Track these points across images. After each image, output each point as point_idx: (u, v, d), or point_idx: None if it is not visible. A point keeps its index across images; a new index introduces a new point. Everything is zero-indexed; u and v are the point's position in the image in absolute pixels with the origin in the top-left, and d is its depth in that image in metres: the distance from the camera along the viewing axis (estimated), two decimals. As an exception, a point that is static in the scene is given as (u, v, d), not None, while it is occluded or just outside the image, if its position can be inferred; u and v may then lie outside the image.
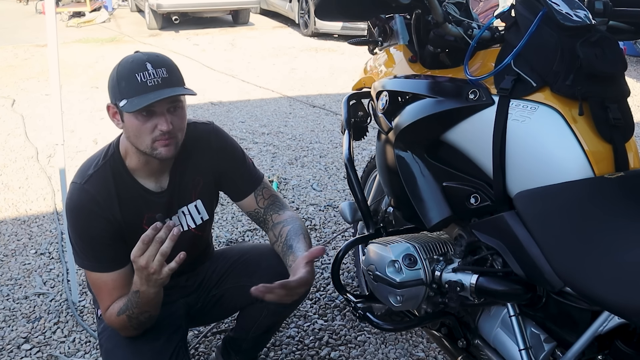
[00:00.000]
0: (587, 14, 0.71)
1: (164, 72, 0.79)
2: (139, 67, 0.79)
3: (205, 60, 4.30)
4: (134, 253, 0.75)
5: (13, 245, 1.74)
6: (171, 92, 0.78)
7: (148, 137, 0.81)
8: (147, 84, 0.78)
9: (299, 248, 0.88)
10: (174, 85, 0.80)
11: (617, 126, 0.67)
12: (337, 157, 2.42)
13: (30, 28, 5.88)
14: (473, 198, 0.76)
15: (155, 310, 0.85)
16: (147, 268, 0.75)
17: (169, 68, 0.81)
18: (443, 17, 0.78)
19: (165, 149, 0.82)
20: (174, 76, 0.81)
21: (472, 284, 0.74)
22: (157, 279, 0.76)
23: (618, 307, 0.56)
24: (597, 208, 0.63)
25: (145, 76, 0.78)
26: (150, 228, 0.75)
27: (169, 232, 0.74)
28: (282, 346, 1.28)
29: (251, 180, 0.99)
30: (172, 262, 0.75)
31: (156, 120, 0.80)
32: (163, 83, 0.79)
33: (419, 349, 1.27)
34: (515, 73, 0.72)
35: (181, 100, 0.83)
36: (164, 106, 0.80)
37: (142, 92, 0.78)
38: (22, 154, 2.50)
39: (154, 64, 0.79)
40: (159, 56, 0.82)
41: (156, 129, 0.80)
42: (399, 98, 0.89)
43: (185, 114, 0.86)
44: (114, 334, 0.89)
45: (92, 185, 0.85)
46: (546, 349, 0.72)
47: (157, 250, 0.74)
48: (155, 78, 0.78)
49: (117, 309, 0.85)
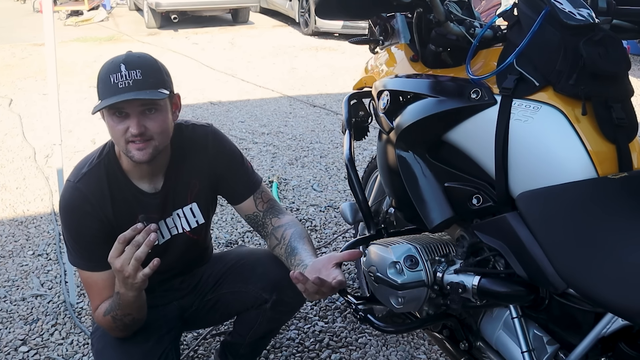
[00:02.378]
0: (590, 13, 0.70)
1: (137, 74, 0.78)
2: (114, 68, 0.78)
3: (205, 60, 4.29)
4: (111, 254, 0.75)
5: (10, 246, 1.73)
6: (135, 95, 0.77)
7: (122, 138, 0.80)
8: (117, 86, 0.77)
9: (305, 250, 0.87)
10: (147, 88, 0.78)
11: (621, 126, 0.67)
12: (338, 158, 2.41)
13: (28, 27, 5.86)
14: (475, 199, 0.75)
15: (138, 314, 0.84)
16: (122, 271, 0.75)
17: (145, 70, 0.79)
18: (445, 15, 0.77)
19: (139, 153, 0.80)
20: (150, 78, 0.79)
21: (474, 285, 0.74)
22: (133, 282, 0.76)
23: (622, 309, 0.55)
24: (601, 209, 0.63)
25: (117, 77, 0.77)
26: (130, 229, 0.74)
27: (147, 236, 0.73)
28: (282, 348, 1.27)
29: (250, 183, 0.98)
30: (146, 268, 0.74)
31: (128, 122, 0.79)
32: (134, 85, 0.77)
33: (420, 352, 1.26)
34: (517, 72, 0.71)
35: (158, 103, 0.81)
36: (135, 108, 0.79)
37: (112, 94, 0.77)
38: (20, 154, 2.48)
39: (129, 66, 0.78)
40: (140, 57, 0.81)
41: (128, 131, 0.79)
42: (400, 97, 0.88)
43: (167, 117, 0.83)
44: (105, 334, 0.89)
45: (85, 184, 0.85)
46: (549, 351, 0.72)
47: (132, 254, 0.73)
48: (127, 80, 0.77)
49: (103, 309, 0.84)
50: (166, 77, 0.83)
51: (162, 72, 0.82)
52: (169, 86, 0.83)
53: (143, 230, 0.73)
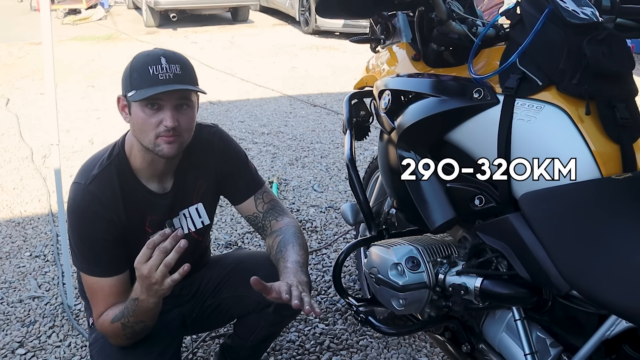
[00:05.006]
0: (594, 11, 0.70)
1: (177, 69, 0.79)
2: (154, 60, 0.79)
3: (204, 59, 4.27)
4: (138, 259, 0.73)
5: (7, 247, 1.72)
6: (180, 87, 0.78)
7: (152, 131, 0.80)
8: (158, 77, 0.77)
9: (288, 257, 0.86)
10: (186, 83, 0.79)
11: (625, 126, 0.66)
12: (339, 158, 2.40)
13: (25, 25, 5.83)
14: (477, 199, 0.74)
15: (151, 321, 0.83)
16: (149, 277, 0.73)
17: (183, 66, 0.80)
18: (447, 14, 0.77)
19: (168, 147, 0.80)
20: (188, 74, 0.81)
21: (477, 287, 0.73)
22: (158, 289, 0.74)
23: (626, 311, 0.55)
24: (604, 209, 0.63)
25: (157, 69, 0.78)
26: (158, 234, 0.72)
27: (176, 242, 0.71)
28: (283, 351, 1.26)
29: (252, 183, 0.98)
30: (175, 274, 0.73)
31: (162, 115, 0.79)
32: (175, 78, 0.78)
33: (422, 354, 1.25)
34: (520, 72, 0.71)
35: (191, 100, 0.82)
36: (172, 102, 0.79)
37: (152, 85, 0.77)
38: (17, 155, 2.47)
39: (169, 60, 0.79)
40: (176, 54, 0.82)
41: (161, 124, 0.79)
42: (401, 97, 0.88)
43: (194, 115, 0.84)
44: (106, 347, 0.87)
45: (97, 186, 0.84)
46: (552, 353, 0.71)
47: (160, 260, 0.72)
48: (168, 73, 0.78)
49: (111, 315, 0.83)
50: (196, 77, 0.84)
51: (194, 71, 0.84)
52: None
53: (171, 236, 0.71)
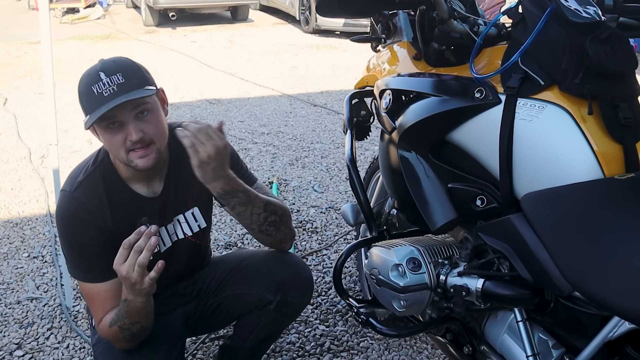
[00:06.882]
0: (596, 10, 0.69)
1: (119, 78, 0.75)
2: (94, 78, 0.76)
3: (203, 58, 4.27)
4: (116, 260, 0.74)
5: (5, 248, 1.71)
6: (124, 98, 0.74)
7: (121, 149, 0.78)
8: (103, 95, 0.75)
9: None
10: (133, 89, 0.76)
11: (628, 126, 0.66)
12: (339, 158, 2.39)
13: (23, 25, 5.82)
14: (479, 200, 0.74)
15: (146, 321, 0.82)
16: (128, 278, 0.74)
17: (125, 72, 0.77)
18: (448, 13, 0.76)
19: (142, 160, 0.78)
20: (133, 79, 0.77)
21: (478, 288, 0.73)
22: (141, 288, 0.75)
23: (629, 312, 0.54)
24: (607, 210, 0.62)
25: (100, 87, 0.75)
26: (134, 233, 0.73)
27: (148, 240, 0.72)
28: (282, 352, 1.26)
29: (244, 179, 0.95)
30: (151, 272, 0.73)
31: (125, 130, 0.77)
32: (119, 90, 0.75)
33: (423, 356, 1.25)
34: (522, 71, 0.70)
35: (149, 103, 0.78)
36: (129, 114, 0.76)
37: (100, 104, 0.75)
38: (15, 155, 2.46)
39: (108, 72, 0.76)
40: (115, 61, 0.79)
41: (127, 140, 0.77)
42: (402, 97, 0.87)
43: (160, 115, 0.81)
44: (109, 348, 0.87)
45: (82, 193, 0.83)
46: (554, 355, 0.71)
47: (135, 259, 0.72)
48: (110, 86, 0.75)
49: (109, 320, 0.83)
50: (147, 75, 0.81)
51: (142, 70, 0.80)
52: (153, 82, 0.81)
53: (143, 235, 0.72)
